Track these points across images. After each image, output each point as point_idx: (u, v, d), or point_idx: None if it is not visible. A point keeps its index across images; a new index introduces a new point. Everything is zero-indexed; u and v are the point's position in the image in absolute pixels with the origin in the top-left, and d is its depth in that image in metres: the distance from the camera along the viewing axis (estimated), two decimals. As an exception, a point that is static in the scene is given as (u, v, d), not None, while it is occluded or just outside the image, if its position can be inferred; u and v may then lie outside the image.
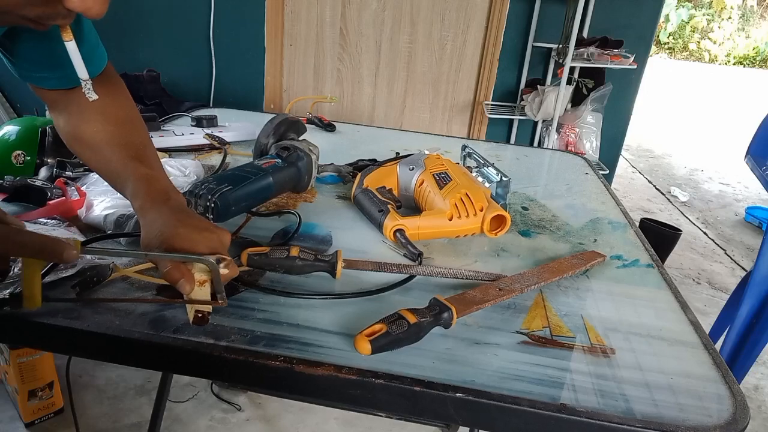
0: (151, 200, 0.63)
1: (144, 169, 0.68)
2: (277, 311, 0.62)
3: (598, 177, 1.29)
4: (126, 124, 0.72)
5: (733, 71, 12.07)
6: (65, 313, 0.57)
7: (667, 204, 4.10)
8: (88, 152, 0.72)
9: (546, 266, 0.76)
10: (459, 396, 0.52)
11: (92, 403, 1.64)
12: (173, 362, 0.57)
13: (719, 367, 0.60)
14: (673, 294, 0.76)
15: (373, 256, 0.77)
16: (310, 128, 1.37)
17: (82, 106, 0.70)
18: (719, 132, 6.71)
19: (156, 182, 0.67)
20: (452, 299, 0.62)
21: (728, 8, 12.61)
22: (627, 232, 0.97)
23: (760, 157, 1.43)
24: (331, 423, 1.66)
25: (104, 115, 0.71)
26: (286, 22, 2.87)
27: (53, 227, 0.72)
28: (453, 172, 0.91)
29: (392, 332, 0.54)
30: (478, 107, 2.94)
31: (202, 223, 0.62)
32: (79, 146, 0.72)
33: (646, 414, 0.52)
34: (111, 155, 0.69)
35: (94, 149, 0.71)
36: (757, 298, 1.40)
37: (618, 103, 2.83)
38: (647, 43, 2.80)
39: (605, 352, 0.61)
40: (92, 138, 0.70)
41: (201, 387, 1.75)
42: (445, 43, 2.87)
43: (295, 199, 0.95)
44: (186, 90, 2.91)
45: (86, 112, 0.70)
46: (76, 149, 0.74)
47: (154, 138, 1.12)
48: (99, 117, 0.70)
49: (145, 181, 0.66)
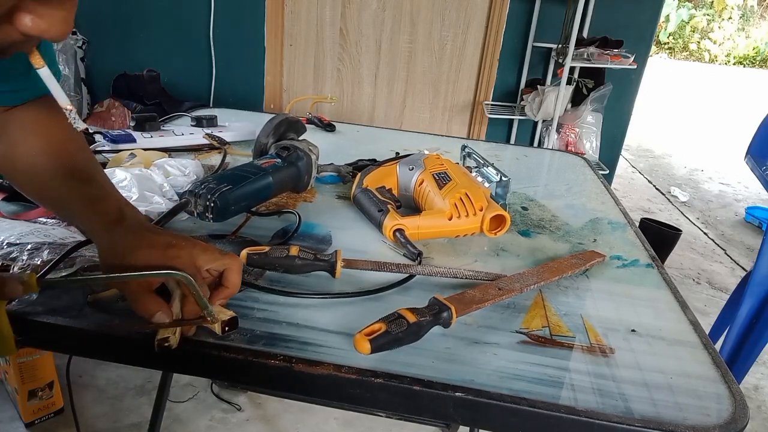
0: (102, 223, 0.57)
1: (90, 189, 0.61)
2: (277, 310, 0.62)
3: (598, 177, 1.29)
4: (70, 143, 0.65)
5: (733, 71, 12.07)
6: (65, 313, 0.57)
7: (667, 204, 4.10)
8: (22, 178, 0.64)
9: (546, 266, 0.76)
10: (458, 395, 0.52)
11: (92, 403, 1.64)
12: (173, 362, 0.57)
13: (719, 367, 0.60)
14: (673, 294, 0.76)
15: (372, 256, 0.77)
16: (310, 128, 1.37)
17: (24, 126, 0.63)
18: (719, 132, 6.71)
19: (105, 202, 0.60)
20: (452, 299, 0.62)
21: (728, 8, 12.61)
22: (627, 232, 0.97)
23: (760, 157, 1.43)
24: (331, 423, 1.66)
25: (47, 136, 0.64)
26: (286, 22, 2.87)
27: (52, 226, 0.72)
28: (453, 172, 0.91)
29: (392, 332, 0.54)
30: (478, 107, 2.94)
31: (167, 238, 0.55)
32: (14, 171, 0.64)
33: (646, 414, 0.52)
34: (52, 180, 0.62)
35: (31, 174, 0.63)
36: (757, 298, 1.40)
37: (618, 103, 2.83)
38: (647, 43, 2.81)
39: (604, 352, 0.61)
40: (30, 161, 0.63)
41: (201, 387, 1.75)
42: (445, 43, 2.87)
43: (295, 199, 0.95)
44: (186, 90, 2.91)
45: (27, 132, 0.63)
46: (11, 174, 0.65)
47: (154, 138, 1.12)
48: (40, 138, 0.63)
49: (93, 203, 0.59)
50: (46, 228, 0.71)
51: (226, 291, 0.57)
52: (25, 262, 0.62)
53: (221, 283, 0.57)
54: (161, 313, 0.52)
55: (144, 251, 0.53)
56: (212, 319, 0.53)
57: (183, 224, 0.80)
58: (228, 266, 0.57)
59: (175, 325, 0.53)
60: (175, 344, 0.52)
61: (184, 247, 0.54)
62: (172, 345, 0.52)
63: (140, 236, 0.55)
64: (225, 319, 0.54)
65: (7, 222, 0.71)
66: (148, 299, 0.52)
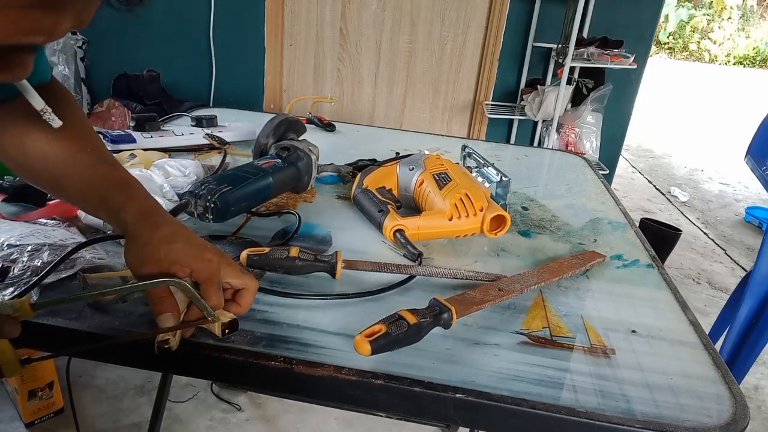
0: (138, 208, 0.56)
1: (120, 173, 0.60)
2: (277, 312, 0.62)
3: (598, 177, 1.29)
4: (81, 124, 0.63)
5: (733, 71, 12.07)
6: (65, 313, 0.57)
7: (667, 204, 4.09)
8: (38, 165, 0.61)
9: (546, 266, 0.76)
10: (459, 396, 0.52)
11: (92, 403, 1.64)
12: (173, 363, 0.57)
13: (719, 368, 0.60)
14: (673, 294, 0.76)
15: (372, 257, 0.77)
16: (310, 128, 1.37)
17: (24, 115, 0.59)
18: (719, 132, 6.71)
19: (136, 188, 0.59)
20: (452, 299, 0.62)
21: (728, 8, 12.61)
22: (627, 232, 0.97)
23: (760, 157, 1.43)
24: (331, 423, 1.66)
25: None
26: (286, 22, 2.87)
27: (53, 227, 0.72)
28: (453, 172, 0.91)
29: (392, 333, 0.54)
30: (478, 107, 2.94)
31: (203, 240, 0.57)
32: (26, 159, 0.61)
33: (647, 414, 0.52)
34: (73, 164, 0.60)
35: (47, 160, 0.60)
36: (757, 298, 1.40)
37: (618, 103, 2.83)
38: (647, 43, 2.80)
39: (605, 353, 0.61)
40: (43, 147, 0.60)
41: (201, 387, 1.75)
42: (445, 43, 2.87)
43: (295, 199, 0.95)
44: (186, 90, 2.91)
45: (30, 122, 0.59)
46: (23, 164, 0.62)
47: (154, 138, 1.12)
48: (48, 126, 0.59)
49: (123, 187, 0.58)
50: (46, 229, 0.70)
51: (237, 308, 0.57)
52: (25, 263, 0.62)
53: (234, 300, 0.58)
54: (170, 315, 0.52)
55: (178, 246, 0.53)
56: (212, 318, 0.54)
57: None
58: (247, 286, 0.58)
59: (177, 328, 0.53)
60: (175, 346, 0.52)
61: (216, 253, 0.56)
62: (172, 347, 0.52)
63: (176, 229, 0.56)
64: (225, 321, 0.54)
65: (7, 223, 0.71)
66: (166, 299, 0.53)
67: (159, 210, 0.59)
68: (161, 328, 0.52)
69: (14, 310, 0.46)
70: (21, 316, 0.46)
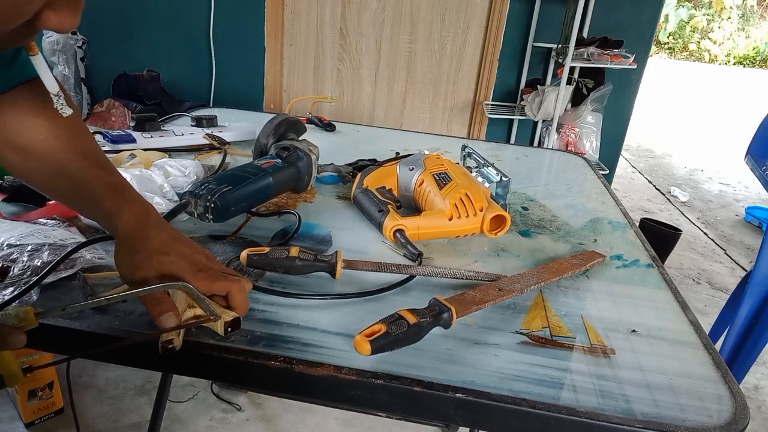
0: (132, 214, 0.56)
1: (113, 177, 0.60)
2: (277, 311, 0.62)
3: (598, 177, 1.29)
4: (76, 127, 0.63)
5: (733, 71, 12.07)
6: (65, 313, 0.57)
7: (667, 204, 4.10)
8: (35, 164, 0.60)
9: (546, 266, 0.76)
10: (459, 396, 0.52)
11: (92, 403, 1.64)
12: (173, 363, 0.57)
13: (719, 368, 0.60)
14: (673, 294, 0.76)
15: (372, 257, 0.77)
16: (310, 128, 1.37)
17: (20, 106, 0.59)
18: (719, 132, 6.71)
19: (129, 192, 0.59)
20: (452, 299, 0.62)
21: (728, 8, 12.61)
22: (627, 232, 0.97)
23: (760, 157, 1.43)
24: (331, 423, 1.66)
25: (47, 117, 0.60)
26: (286, 22, 2.87)
27: (53, 227, 0.72)
28: (453, 172, 0.91)
29: (392, 333, 0.54)
30: (478, 107, 2.94)
31: (196, 246, 0.58)
32: (26, 157, 0.60)
33: (647, 414, 0.52)
34: (68, 165, 0.59)
35: (45, 159, 0.59)
36: (757, 298, 1.40)
37: (618, 103, 2.83)
38: (647, 43, 2.81)
39: (605, 353, 0.61)
40: (41, 146, 0.59)
41: (201, 387, 1.75)
42: (445, 43, 2.87)
43: (295, 199, 0.95)
44: (186, 90, 2.91)
45: (26, 113, 0.59)
46: (22, 163, 0.61)
47: (154, 138, 1.12)
48: (42, 118, 0.60)
49: (116, 191, 0.58)
50: (46, 229, 0.70)
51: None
52: (25, 263, 0.62)
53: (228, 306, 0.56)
54: (171, 315, 0.52)
55: (171, 259, 0.53)
56: (215, 317, 0.54)
57: (183, 225, 0.80)
58: (233, 293, 0.55)
59: (181, 327, 0.53)
60: (179, 346, 0.52)
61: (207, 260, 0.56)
62: (176, 347, 0.52)
63: (168, 240, 0.56)
64: (228, 320, 0.54)
65: (7, 223, 0.71)
66: (165, 300, 0.53)
67: (151, 217, 0.58)
68: (165, 328, 0.52)
69: (19, 321, 0.45)
70: (26, 326, 0.46)
